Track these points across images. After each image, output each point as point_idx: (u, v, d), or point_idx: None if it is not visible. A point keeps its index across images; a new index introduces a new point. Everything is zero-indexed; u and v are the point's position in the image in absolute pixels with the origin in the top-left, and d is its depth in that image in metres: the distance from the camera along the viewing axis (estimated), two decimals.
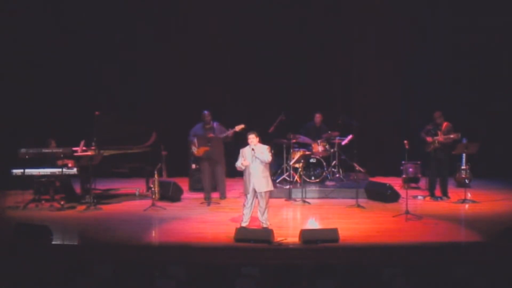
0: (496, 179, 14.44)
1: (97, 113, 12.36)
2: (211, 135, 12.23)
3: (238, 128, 11.81)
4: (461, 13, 14.78)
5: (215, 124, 12.43)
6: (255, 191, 9.78)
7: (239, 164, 9.86)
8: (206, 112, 12.42)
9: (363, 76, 15.44)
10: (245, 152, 9.84)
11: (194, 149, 12.37)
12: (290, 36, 15.02)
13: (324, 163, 13.49)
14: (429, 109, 12.83)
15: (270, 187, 9.88)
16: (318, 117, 14.07)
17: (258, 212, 9.92)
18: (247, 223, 9.91)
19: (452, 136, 12.25)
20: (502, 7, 14.51)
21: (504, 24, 14.59)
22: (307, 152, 13.33)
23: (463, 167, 13.79)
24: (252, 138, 9.78)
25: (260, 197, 9.80)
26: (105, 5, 14.71)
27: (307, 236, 9.32)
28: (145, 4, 14.96)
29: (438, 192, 12.67)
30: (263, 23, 14.97)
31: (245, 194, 9.93)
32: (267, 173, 9.86)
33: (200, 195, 12.69)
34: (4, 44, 14.15)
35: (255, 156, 9.70)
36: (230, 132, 12.15)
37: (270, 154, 9.81)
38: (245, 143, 9.89)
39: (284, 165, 13.72)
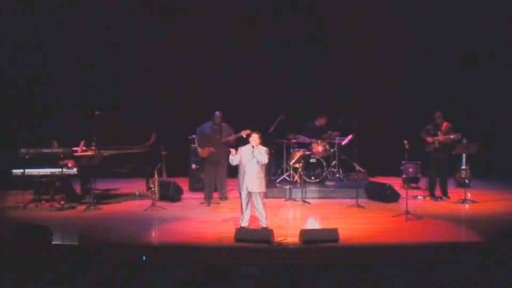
0: (496, 179, 14.43)
1: (97, 113, 12.38)
2: (218, 136, 12.20)
3: (244, 133, 11.55)
4: (461, 13, 14.77)
5: (224, 125, 12.41)
6: (248, 191, 9.81)
7: (232, 158, 9.92)
8: (217, 113, 12.36)
9: (363, 76, 15.43)
10: (243, 150, 9.88)
11: (199, 150, 12.34)
12: (290, 35, 15.00)
13: (324, 163, 13.48)
14: (429, 109, 12.84)
15: (262, 188, 9.89)
16: (322, 120, 14.02)
17: (256, 212, 9.94)
18: (247, 223, 9.92)
19: (452, 136, 12.27)
20: (502, 8, 14.50)
21: (504, 25, 14.59)
22: (307, 152, 13.32)
23: (463, 167, 13.79)
24: (255, 138, 9.85)
25: (254, 197, 9.83)
26: (105, 4, 14.69)
27: (307, 236, 9.33)
28: (146, 4, 14.95)
29: (438, 192, 12.68)
30: (262, 23, 14.96)
31: (239, 191, 9.96)
32: (262, 175, 9.89)
33: (200, 195, 12.68)
34: (4, 44, 14.15)
35: (253, 155, 9.73)
36: (231, 138, 12.13)
37: (267, 156, 9.86)
38: (247, 144, 9.94)
39: (284, 165, 13.73)
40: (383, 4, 15.16)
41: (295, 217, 11.85)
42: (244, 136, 11.58)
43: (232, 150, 9.94)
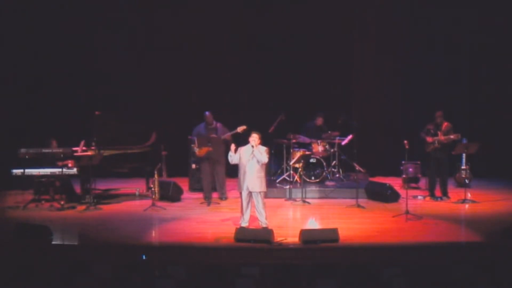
0: (496, 179, 14.43)
1: (97, 113, 12.38)
2: (214, 135, 12.21)
3: (240, 129, 11.64)
4: (461, 13, 14.77)
5: (218, 125, 12.42)
6: (249, 190, 9.81)
7: (230, 155, 9.90)
8: (207, 113, 12.40)
9: (363, 76, 15.43)
10: (242, 150, 9.88)
11: (196, 149, 12.34)
12: (290, 35, 14.99)
13: (324, 163, 13.48)
14: (429, 109, 12.84)
15: (263, 188, 9.89)
16: (319, 120, 14.05)
17: (256, 212, 9.94)
18: (247, 223, 9.92)
19: (452, 136, 12.27)
20: (503, 7, 14.50)
21: (504, 24, 14.59)
22: (307, 152, 13.32)
23: (463, 167, 13.79)
24: (255, 138, 9.84)
25: (255, 197, 9.83)
26: (105, 4, 14.69)
27: (307, 236, 9.33)
28: (145, 4, 14.95)
29: (438, 192, 12.68)
30: (263, 23, 14.95)
31: (239, 191, 9.96)
32: (262, 174, 9.88)
33: (200, 195, 12.68)
34: (4, 44, 14.15)
35: (253, 154, 9.73)
36: (227, 135, 12.12)
37: (267, 156, 9.86)
38: (246, 143, 9.93)
39: (284, 165, 13.73)
40: (383, 4, 15.16)
41: (295, 217, 11.85)
42: (240, 132, 11.60)
43: (232, 146, 9.92)
